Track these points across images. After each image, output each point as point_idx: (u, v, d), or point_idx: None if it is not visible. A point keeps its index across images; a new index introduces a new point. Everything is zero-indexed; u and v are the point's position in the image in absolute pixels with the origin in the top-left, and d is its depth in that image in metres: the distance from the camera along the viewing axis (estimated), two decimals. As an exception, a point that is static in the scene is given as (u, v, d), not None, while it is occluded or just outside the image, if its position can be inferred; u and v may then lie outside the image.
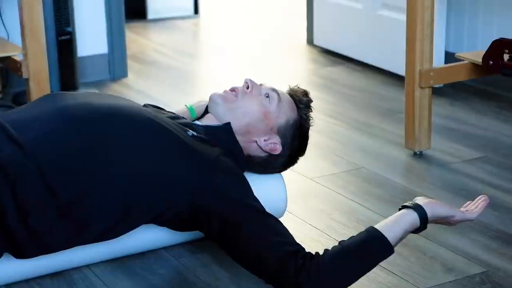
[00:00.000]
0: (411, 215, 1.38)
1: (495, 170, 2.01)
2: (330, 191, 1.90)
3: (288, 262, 1.32)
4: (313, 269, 1.31)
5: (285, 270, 1.31)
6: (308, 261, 1.32)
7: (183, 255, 1.59)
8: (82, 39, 2.73)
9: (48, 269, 1.50)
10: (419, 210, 1.38)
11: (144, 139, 1.44)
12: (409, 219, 1.38)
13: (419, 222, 1.38)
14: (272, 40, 3.36)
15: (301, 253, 1.34)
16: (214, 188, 1.42)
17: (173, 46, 3.27)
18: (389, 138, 2.23)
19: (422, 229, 1.40)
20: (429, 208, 1.39)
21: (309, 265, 1.31)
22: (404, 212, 1.39)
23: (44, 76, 2.12)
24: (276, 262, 1.33)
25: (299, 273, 1.31)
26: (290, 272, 1.31)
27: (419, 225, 1.38)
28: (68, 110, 1.45)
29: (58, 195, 1.37)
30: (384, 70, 2.82)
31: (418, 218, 1.38)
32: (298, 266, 1.31)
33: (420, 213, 1.38)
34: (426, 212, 1.38)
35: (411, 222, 1.38)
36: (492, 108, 2.45)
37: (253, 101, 1.57)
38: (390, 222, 1.37)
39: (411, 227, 1.38)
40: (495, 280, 1.49)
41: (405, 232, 1.38)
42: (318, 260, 1.32)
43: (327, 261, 1.32)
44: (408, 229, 1.38)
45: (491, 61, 1.92)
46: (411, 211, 1.38)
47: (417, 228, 1.39)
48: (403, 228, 1.37)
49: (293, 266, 1.31)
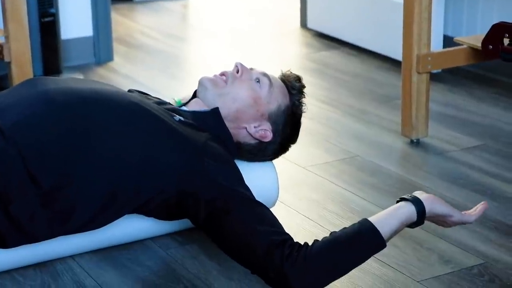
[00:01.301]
0: (408, 208, 1.35)
1: (494, 158, 1.98)
2: (323, 180, 1.87)
3: (274, 251, 1.29)
4: (299, 259, 1.28)
5: (271, 259, 1.29)
6: (295, 251, 1.29)
7: (171, 246, 1.57)
8: (66, 21, 2.70)
9: (31, 259, 1.48)
10: (417, 204, 1.35)
11: (129, 124, 1.42)
12: (405, 212, 1.34)
13: (416, 216, 1.35)
14: (264, 23, 3.33)
15: (289, 243, 1.31)
16: (202, 173, 1.39)
17: (161, 29, 3.23)
18: (385, 125, 2.20)
19: (418, 223, 1.36)
20: (428, 203, 1.36)
21: (296, 255, 1.29)
22: (401, 204, 1.36)
23: (27, 59, 2.10)
24: (262, 250, 1.30)
25: (284, 262, 1.28)
26: (275, 261, 1.29)
27: (415, 219, 1.35)
28: (49, 95, 1.42)
29: (40, 182, 1.35)
30: (380, 55, 2.79)
31: (415, 211, 1.34)
32: (284, 255, 1.29)
33: (418, 207, 1.35)
34: (424, 207, 1.35)
35: (407, 215, 1.34)
36: (492, 95, 2.43)
37: (243, 86, 1.54)
38: (385, 215, 1.34)
39: (408, 220, 1.35)
40: (493, 272, 1.47)
41: (401, 225, 1.34)
42: (306, 251, 1.30)
43: (315, 251, 1.30)
44: (404, 222, 1.34)
45: (490, 45, 1.90)
46: (409, 204, 1.35)
47: (413, 222, 1.36)
48: (399, 221, 1.34)
49: (279, 255, 1.29)
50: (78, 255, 1.52)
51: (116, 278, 1.45)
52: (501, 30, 1.87)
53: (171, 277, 1.45)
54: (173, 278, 1.45)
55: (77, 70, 2.68)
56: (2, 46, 2.08)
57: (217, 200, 1.36)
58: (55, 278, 1.45)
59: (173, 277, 1.46)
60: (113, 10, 3.10)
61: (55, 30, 2.57)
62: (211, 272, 1.47)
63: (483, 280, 1.45)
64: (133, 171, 1.39)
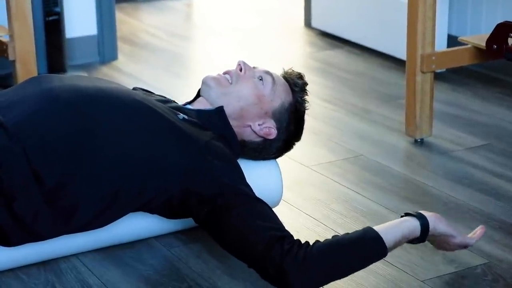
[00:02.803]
0: (413, 222, 1.36)
1: (498, 158, 1.98)
2: (327, 180, 1.87)
3: (274, 246, 1.29)
4: (299, 257, 1.28)
5: (270, 254, 1.29)
6: (295, 248, 1.29)
7: (175, 245, 1.56)
8: (70, 20, 2.70)
9: (35, 258, 1.48)
10: (421, 220, 1.36)
11: (133, 122, 1.41)
12: (409, 226, 1.35)
13: (419, 231, 1.36)
14: (269, 22, 3.32)
15: (289, 239, 1.31)
16: (205, 171, 1.39)
17: (165, 28, 3.23)
18: (389, 125, 2.19)
19: (421, 240, 1.37)
20: (432, 221, 1.37)
21: (296, 252, 1.28)
22: (405, 218, 1.37)
23: (31, 58, 2.09)
24: (262, 245, 1.30)
25: (284, 258, 1.28)
26: (275, 256, 1.28)
27: (418, 234, 1.36)
28: (54, 92, 1.42)
29: (44, 180, 1.35)
30: (384, 54, 2.78)
31: (419, 226, 1.35)
32: (284, 251, 1.28)
33: (422, 223, 1.36)
34: (428, 223, 1.36)
35: (411, 229, 1.35)
36: (496, 94, 2.42)
37: (247, 85, 1.54)
38: (389, 225, 1.35)
39: (410, 234, 1.36)
40: (497, 271, 1.46)
41: (403, 238, 1.35)
42: (307, 249, 1.30)
43: (316, 251, 1.29)
44: (406, 235, 1.35)
45: (495, 45, 1.89)
46: (414, 219, 1.36)
47: (416, 238, 1.36)
48: (402, 234, 1.34)
49: (279, 251, 1.29)
50: (82, 253, 1.52)
51: (119, 277, 1.45)
52: (506, 29, 1.87)
53: (174, 276, 1.45)
54: (177, 277, 1.45)
55: (81, 69, 2.68)
56: (7, 44, 2.07)
57: (219, 198, 1.36)
58: (59, 276, 1.45)
59: (176, 275, 1.45)
60: (117, 9, 3.09)
61: (59, 28, 2.57)
62: (215, 271, 1.46)
63: (487, 279, 1.44)
64: (136, 169, 1.38)
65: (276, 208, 1.68)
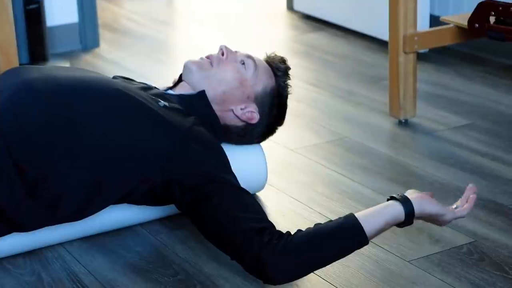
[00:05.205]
0: (396, 208, 1.33)
1: (482, 137, 1.98)
2: (313, 162, 1.86)
3: (252, 237, 1.28)
4: (278, 248, 1.27)
5: (249, 246, 1.28)
6: (274, 239, 1.28)
7: (161, 231, 1.56)
8: (51, 8, 2.67)
9: (20, 248, 1.47)
10: (405, 204, 1.32)
11: (113, 111, 1.40)
12: (393, 212, 1.32)
13: (403, 216, 1.33)
14: (251, 6, 3.30)
15: (268, 231, 1.30)
16: (187, 159, 1.38)
17: (147, 14, 3.20)
18: (373, 106, 2.19)
19: (406, 224, 1.35)
20: (417, 203, 1.33)
21: (275, 243, 1.27)
22: (389, 203, 1.34)
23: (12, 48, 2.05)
24: (241, 236, 1.29)
25: (262, 250, 1.27)
26: (253, 248, 1.27)
27: (403, 219, 1.33)
28: (31, 83, 1.41)
29: (25, 171, 1.34)
30: (367, 36, 2.78)
31: (403, 211, 1.32)
32: (263, 243, 1.27)
33: (406, 207, 1.32)
34: (413, 207, 1.33)
35: (394, 215, 1.32)
36: (479, 73, 2.42)
37: (229, 68, 1.53)
38: (372, 212, 1.32)
39: (394, 220, 1.33)
40: (482, 250, 1.47)
41: (386, 224, 1.33)
42: (286, 240, 1.28)
43: (295, 241, 1.28)
44: (390, 222, 1.33)
45: (477, 24, 1.89)
46: (397, 203, 1.33)
47: (401, 222, 1.34)
48: (385, 220, 1.32)
49: (257, 242, 1.28)
50: (68, 242, 1.51)
51: (106, 265, 1.44)
52: (487, 8, 1.86)
53: (161, 262, 1.45)
54: (163, 263, 1.45)
55: (63, 57, 2.65)
56: (-14, 34, 2.06)
57: (201, 186, 1.35)
58: (45, 266, 1.44)
59: (163, 262, 1.45)
60: (98, -4, 3.07)
61: (40, 17, 2.54)
62: (201, 256, 1.46)
63: (473, 258, 1.44)
64: (117, 158, 1.37)
65: (261, 192, 1.68)
